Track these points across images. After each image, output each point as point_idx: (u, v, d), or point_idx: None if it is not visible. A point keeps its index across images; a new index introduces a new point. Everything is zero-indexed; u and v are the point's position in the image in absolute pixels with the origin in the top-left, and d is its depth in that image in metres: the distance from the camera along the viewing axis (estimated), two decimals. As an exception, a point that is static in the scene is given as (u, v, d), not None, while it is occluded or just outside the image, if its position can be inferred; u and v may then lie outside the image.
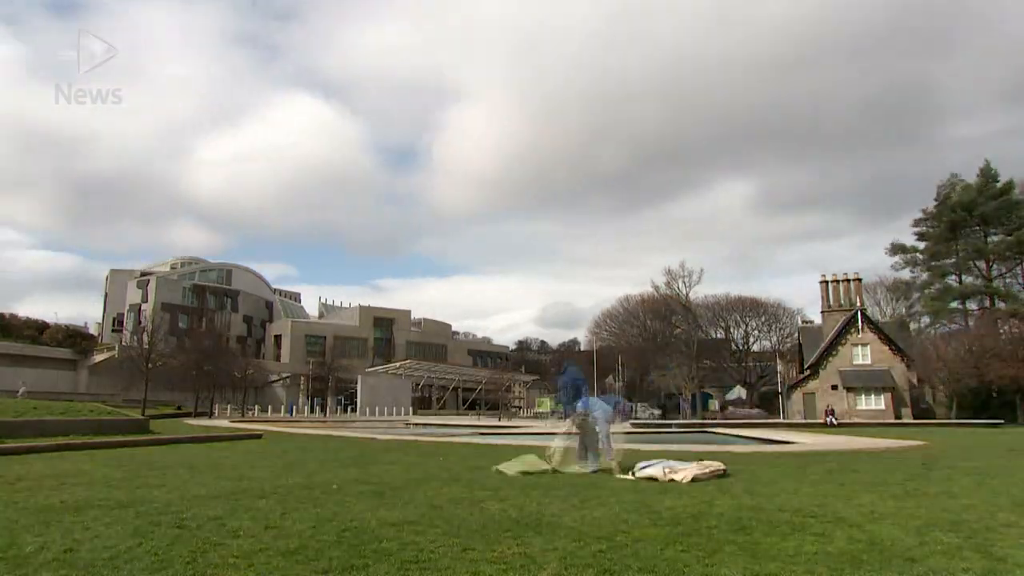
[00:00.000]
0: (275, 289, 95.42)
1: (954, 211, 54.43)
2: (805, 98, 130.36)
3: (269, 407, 57.28)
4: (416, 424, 40.36)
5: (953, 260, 54.73)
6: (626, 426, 11.55)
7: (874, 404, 47.03)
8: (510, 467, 9.96)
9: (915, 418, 44.50)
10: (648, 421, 47.63)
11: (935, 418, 44.40)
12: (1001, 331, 44.10)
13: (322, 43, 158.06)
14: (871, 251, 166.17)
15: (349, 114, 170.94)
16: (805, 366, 51.71)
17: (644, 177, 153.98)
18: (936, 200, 56.82)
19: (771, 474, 9.81)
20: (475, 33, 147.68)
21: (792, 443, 18.09)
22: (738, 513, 6.29)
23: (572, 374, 11.18)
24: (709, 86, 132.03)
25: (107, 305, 79.81)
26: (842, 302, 50.65)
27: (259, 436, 20.09)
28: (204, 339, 57.43)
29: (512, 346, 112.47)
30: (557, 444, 10.49)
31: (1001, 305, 51.62)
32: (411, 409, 60.56)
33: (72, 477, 9.06)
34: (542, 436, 17.86)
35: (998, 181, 54.70)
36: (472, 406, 73.79)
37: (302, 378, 66.47)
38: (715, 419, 49.99)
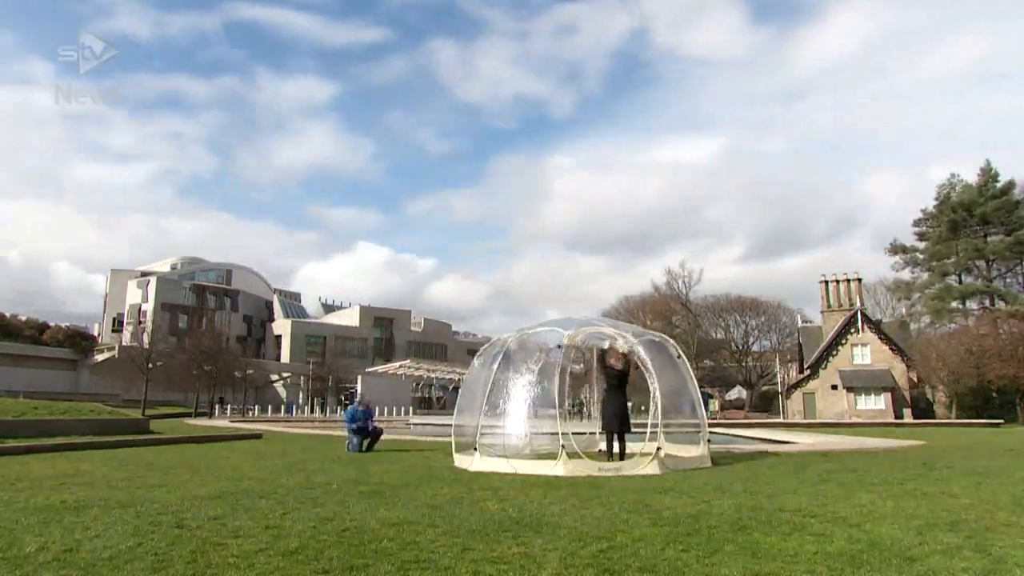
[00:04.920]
0: (275, 289, 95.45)
1: (954, 211, 54.41)
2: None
3: (269, 407, 57.30)
4: (417, 424, 40.32)
5: (953, 260, 54.65)
6: None
7: (874, 404, 47.10)
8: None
9: (915, 418, 44.53)
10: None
11: (935, 418, 44.40)
12: (1001, 331, 44.05)
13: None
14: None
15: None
16: (805, 366, 51.76)
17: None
18: (936, 200, 56.80)
19: (771, 474, 9.81)
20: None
21: (792, 443, 18.09)
22: (738, 513, 6.29)
23: None
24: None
25: (107, 305, 79.87)
26: (842, 302, 50.72)
27: (259, 436, 20.10)
28: (204, 339, 57.52)
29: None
30: None
31: (1001, 305, 51.57)
32: (411, 409, 60.56)
33: (72, 477, 9.06)
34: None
35: (998, 181, 54.73)
36: (472, 406, 73.56)
37: (302, 378, 66.49)
38: (715, 419, 50.00)
